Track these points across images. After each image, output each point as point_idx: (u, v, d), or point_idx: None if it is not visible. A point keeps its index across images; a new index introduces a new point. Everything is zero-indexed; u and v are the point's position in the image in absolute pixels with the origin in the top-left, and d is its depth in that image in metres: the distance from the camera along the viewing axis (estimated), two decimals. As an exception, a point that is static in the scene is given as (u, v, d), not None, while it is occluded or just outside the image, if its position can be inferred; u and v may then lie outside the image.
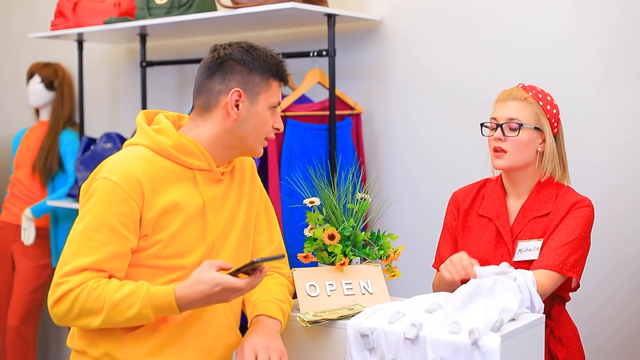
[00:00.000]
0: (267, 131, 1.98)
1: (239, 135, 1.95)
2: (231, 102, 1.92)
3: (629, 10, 2.72)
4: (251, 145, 1.98)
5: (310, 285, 2.07)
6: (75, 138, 4.10)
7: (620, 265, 2.77)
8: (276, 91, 1.98)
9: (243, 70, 1.94)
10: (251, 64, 1.94)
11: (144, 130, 1.96)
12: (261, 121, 1.95)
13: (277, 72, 1.98)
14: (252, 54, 1.96)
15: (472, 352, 1.71)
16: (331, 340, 1.97)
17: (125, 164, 1.87)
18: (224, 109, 1.94)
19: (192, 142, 1.94)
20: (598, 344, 2.77)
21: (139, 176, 1.86)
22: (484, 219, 2.31)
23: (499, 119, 2.24)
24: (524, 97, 2.23)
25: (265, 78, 1.95)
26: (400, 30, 3.21)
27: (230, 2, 3.14)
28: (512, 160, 2.23)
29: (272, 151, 3.03)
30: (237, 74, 1.94)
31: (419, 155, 3.19)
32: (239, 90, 1.93)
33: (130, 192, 1.84)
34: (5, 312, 4.13)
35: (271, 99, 1.96)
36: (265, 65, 1.95)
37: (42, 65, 4.21)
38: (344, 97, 3.21)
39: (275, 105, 1.98)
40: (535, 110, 2.23)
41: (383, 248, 2.20)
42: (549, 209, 2.23)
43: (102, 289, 1.80)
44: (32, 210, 3.97)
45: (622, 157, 2.76)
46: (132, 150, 1.93)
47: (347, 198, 2.21)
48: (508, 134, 2.22)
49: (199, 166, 1.95)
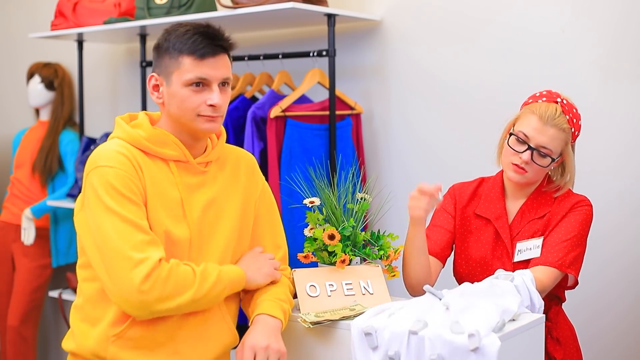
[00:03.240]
0: (194, 108, 1.91)
1: (174, 117, 1.95)
2: (150, 88, 1.98)
3: (629, 10, 2.72)
4: (187, 125, 1.94)
5: (310, 285, 2.07)
6: (75, 138, 4.10)
7: (623, 267, 2.76)
8: (190, 67, 1.90)
9: (156, 55, 1.98)
10: (163, 45, 1.95)
11: (120, 125, 1.98)
12: (181, 99, 1.91)
13: (185, 48, 1.91)
14: (166, 35, 1.96)
15: (469, 353, 1.71)
16: (333, 340, 1.97)
17: (109, 152, 1.89)
18: (152, 97, 1.99)
19: (164, 133, 1.95)
20: (601, 346, 2.77)
21: (127, 156, 1.88)
22: (481, 220, 2.30)
23: (532, 141, 2.17)
24: (563, 127, 2.16)
25: (174, 56, 1.92)
26: (400, 30, 3.21)
27: (230, 2, 3.14)
28: (528, 180, 2.22)
29: (272, 151, 3.03)
30: (154, 59, 1.98)
31: (419, 155, 3.19)
32: (154, 74, 1.97)
33: (127, 170, 1.86)
34: (5, 312, 4.12)
35: (183, 77, 1.90)
36: (175, 44, 1.92)
37: (42, 65, 4.21)
38: (344, 97, 3.21)
39: (195, 81, 1.91)
40: (566, 140, 2.19)
41: (383, 248, 2.20)
42: (546, 211, 2.23)
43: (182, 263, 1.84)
44: (32, 210, 3.97)
45: (623, 158, 2.76)
46: (109, 143, 1.95)
47: (347, 198, 2.21)
48: (537, 161, 2.18)
49: (174, 156, 1.95)
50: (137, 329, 1.88)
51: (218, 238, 1.98)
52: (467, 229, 2.32)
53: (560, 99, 2.20)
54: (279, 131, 3.06)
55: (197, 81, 1.91)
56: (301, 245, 2.23)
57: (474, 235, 2.30)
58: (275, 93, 3.18)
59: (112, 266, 1.79)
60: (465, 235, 2.32)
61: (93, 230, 1.84)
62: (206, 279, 1.85)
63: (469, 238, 2.31)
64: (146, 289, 1.77)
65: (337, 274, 2.11)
